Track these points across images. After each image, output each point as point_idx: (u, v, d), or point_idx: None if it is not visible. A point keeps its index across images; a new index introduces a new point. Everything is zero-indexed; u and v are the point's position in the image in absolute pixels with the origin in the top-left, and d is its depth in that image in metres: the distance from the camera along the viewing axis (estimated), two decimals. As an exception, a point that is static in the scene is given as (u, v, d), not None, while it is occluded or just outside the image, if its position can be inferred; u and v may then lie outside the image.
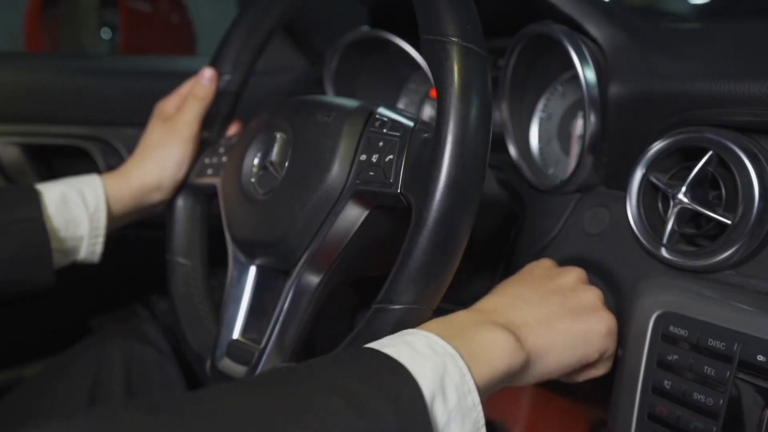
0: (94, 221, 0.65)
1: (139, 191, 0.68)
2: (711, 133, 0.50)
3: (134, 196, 0.68)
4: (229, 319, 0.59)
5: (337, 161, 0.49)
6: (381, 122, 0.49)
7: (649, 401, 0.49)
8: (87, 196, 0.64)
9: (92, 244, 0.66)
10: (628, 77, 0.56)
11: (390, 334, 0.43)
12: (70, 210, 0.63)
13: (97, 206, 0.65)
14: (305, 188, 0.51)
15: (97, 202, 0.65)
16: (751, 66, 0.50)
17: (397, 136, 0.47)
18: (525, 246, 0.65)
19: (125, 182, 0.67)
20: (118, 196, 0.67)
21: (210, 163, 0.66)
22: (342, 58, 0.84)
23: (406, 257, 0.42)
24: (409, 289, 0.42)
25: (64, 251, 0.65)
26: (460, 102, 0.42)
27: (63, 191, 0.64)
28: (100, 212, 0.65)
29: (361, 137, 0.49)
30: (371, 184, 0.48)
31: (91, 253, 0.67)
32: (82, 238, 0.65)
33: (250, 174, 0.56)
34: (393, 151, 0.47)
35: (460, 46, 0.42)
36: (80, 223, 0.64)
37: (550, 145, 0.71)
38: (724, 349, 0.45)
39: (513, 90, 0.68)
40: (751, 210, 0.48)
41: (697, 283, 0.50)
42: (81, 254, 0.66)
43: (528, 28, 0.63)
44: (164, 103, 0.71)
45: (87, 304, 1.06)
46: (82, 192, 0.64)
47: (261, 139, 0.57)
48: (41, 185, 0.64)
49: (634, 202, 0.55)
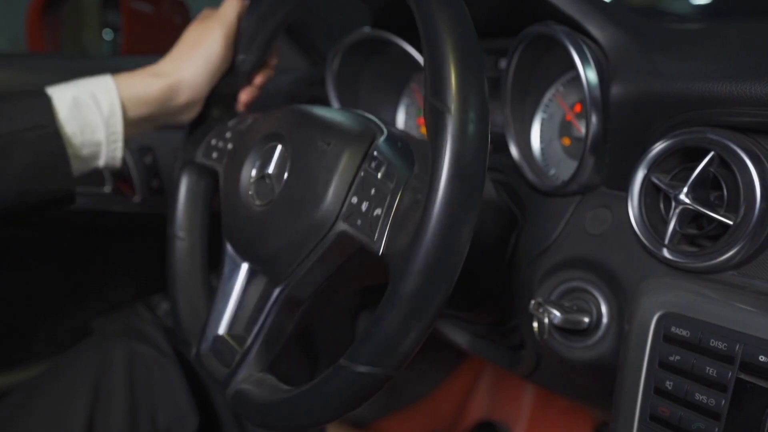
0: (110, 126, 0.62)
1: (169, 89, 0.65)
2: (713, 133, 0.50)
3: (162, 94, 0.65)
4: (218, 314, 0.60)
5: (330, 195, 0.49)
6: (378, 162, 0.48)
7: (651, 402, 0.49)
8: (100, 100, 0.61)
9: (111, 149, 0.63)
10: (630, 78, 0.56)
11: (349, 394, 0.44)
12: (84, 115, 0.60)
13: (112, 110, 0.62)
14: (298, 214, 0.51)
15: (112, 106, 0.62)
16: (753, 66, 0.50)
17: (389, 187, 0.46)
18: (526, 247, 0.65)
19: (154, 81, 0.65)
20: (140, 96, 0.64)
21: (215, 145, 0.66)
22: (344, 59, 0.84)
23: (376, 324, 0.42)
24: (374, 354, 0.42)
25: (83, 158, 0.62)
26: (449, 183, 0.39)
27: (75, 95, 0.60)
28: (116, 116, 0.62)
29: (356, 176, 0.49)
30: (357, 233, 0.47)
31: (112, 159, 0.64)
32: (100, 143, 0.62)
33: (248, 185, 0.56)
34: (382, 205, 0.46)
35: (458, 121, 0.40)
36: (96, 128, 0.61)
37: (552, 146, 0.71)
38: (726, 350, 0.45)
39: (514, 91, 0.68)
40: (753, 211, 0.48)
41: (699, 284, 0.50)
42: (101, 160, 0.64)
43: (529, 29, 0.63)
44: (205, 10, 0.70)
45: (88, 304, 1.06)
46: (95, 95, 0.61)
47: (260, 148, 0.57)
48: (51, 88, 0.60)
49: (636, 202, 0.55)
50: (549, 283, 0.62)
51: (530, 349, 0.67)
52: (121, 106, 0.63)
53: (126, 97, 0.63)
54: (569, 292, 0.60)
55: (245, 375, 0.54)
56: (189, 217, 0.69)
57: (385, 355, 0.42)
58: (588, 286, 0.59)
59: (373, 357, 0.42)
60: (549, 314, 0.57)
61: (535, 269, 0.64)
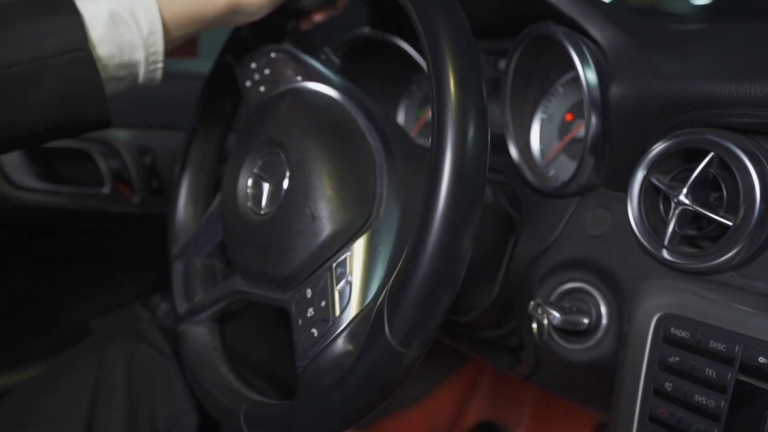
0: (150, 46, 0.56)
1: (224, 11, 0.59)
2: (712, 134, 0.50)
3: (214, 16, 0.59)
4: (199, 242, 0.65)
5: (295, 267, 0.50)
6: (343, 270, 0.47)
7: (650, 403, 0.49)
8: (140, 18, 0.55)
9: (151, 70, 0.58)
10: (629, 78, 0.56)
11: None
12: (122, 33, 0.54)
13: (152, 28, 0.55)
14: (268, 259, 0.52)
15: (152, 23, 0.55)
16: (753, 67, 0.50)
17: (335, 314, 0.46)
18: (526, 248, 0.65)
19: (208, 2, 0.58)
20: (186, 16, 0.58)
21: (252, 72, 0.63)
22: (343, 60, 0.84)
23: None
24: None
25: (120, 78, 0.56)
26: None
27: (111, 9, 0.53)
28: (157, 35, 0.56)
29: (316, 271, 0.49)
30: (294, 328, 0.49)
31: (151, 78, 0.58)
32: (139, 63, 0.56)
33: (245, 196, 0.56)
34: (321, 329, 0.46)
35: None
36: (135, 48, 0.55)
37: (551, 147, 0.71)
38: (726, 351, 0.45)
39: (514, 91, 0.68)
40: (753, 212, 0.48)
41: (699, 285, 0.50)
42: (139, 79, 0.58)
43: (529, 29, 0.63)
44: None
45: (88, 305, 1.06)
46: (134, 11, 0.55)
47: (258, 154, 0.56)
48: (83, 2, 0.53)
49: (636, 203, 0.55)
50: (548, 284, 0.62)
51: (529, 351, 0.67)
52: (162, 25, 0.56)
53: (169, 16, 0.57)
54: (569, 293, 0.60)
55: (198, 319, 0.60)
56: (211, 113, 0.69)
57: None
58: (587, 287, 0.59)
59: None
60: (548, 315, 0.57)
61: (534, 270, 0.64)
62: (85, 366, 0.77)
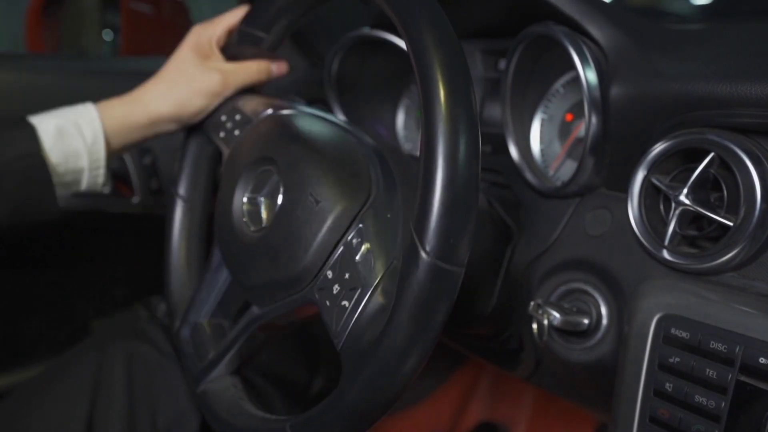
0: (93, 153, 0.64)
1: (155, 120, 0.66)
2: (713, 134, 0.50)
3: (148, 125, 0.66)
4: (201, 301, 0.62)
5: (309, 258, 0.49)
6: (360, 239, 0.47)
7: (650, 404, 0.49)
8: (83, 129, 0.63)
9: (94, 175, 0.65)
10: (630, 78, 0.56)
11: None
12: (68, 143, 0.62)
13: (95, 138, 0.64)
14: (278, 262, 0.51)
15: (95, 135, 0.64)
16: (754, 67, 0.50)
17: (362, 280, 0.46)
18: (526, 249, 0.65)
19: (142, 110, 0.65)
20: (127, 125, 0.65)
21: (225, 124, 0.64)
22: (343, 60, 0.84)
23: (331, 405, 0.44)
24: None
25: (66, 184, 0.64)
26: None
27: (58, 124, 0.62)
28: (99, 144, 0.64)
29: (335, 248, 0.48)
30: (325, 313, 0.47)
31: (94, 183, 0.66)
32: (83, 170, 0.64)
33: (241, 212, 0.56)
34: (350, 298, 0.45)
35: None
36: (79, 156, 0.63)
37: (551, 147, 0.70)
38: (726, 352, 0.45)
39: (514, 91, 0.67)
40: (753, 212, 0.47)
41: (699, 286, 0.50)
42: (83, 185, 0.66)
43: (529, 29, 0.63)
44: (202, 33, 0.67)
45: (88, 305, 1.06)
46: (78, 124, 0.63)
47: (252, 172, 0.56)
48: (35, 118, 0.62)
49: (636, 203, 0.55)
50: (548, 284, 0.62)
51: (529, 351, 0.67)
52: (104, 133, 0.64)
53: (109, 125, 0.65)
54: (569, 294, 0.60)
55: (216, 376, 0.58)
56: (193, 180, 0.69)
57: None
58: (587, 287, 0.59)
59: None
60: (548, 316, 0.57)
61: (534, 271, 0.64)
62: (85, 366, 0.77)
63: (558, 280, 0.61)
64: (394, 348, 0.41)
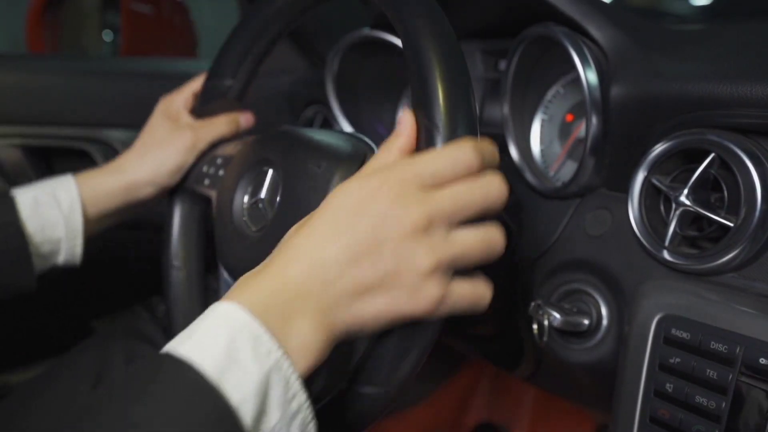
0: (70, 223, 0.64)
1: (133, 185, 0.67)
2: (713, 134, 0.50)
3: (126, 190, 0.67)
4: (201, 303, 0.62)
5: None
6: None
7: (651, 404, 0.49)
8: (60, 198, 0.64)
9: (71, 246, 0.65)
10: (630, 79, 0.56)
11: None
12: (43, 213, 0.63)
13: (72, 207, 0.64)
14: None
15: (71, 204, 0.64)
16: (754, 67, 0.50)
17: None
18: (527, 250, 0.65)
19: (119, 177, 0.67)
20: (104, 193, 0.66)
21: (207, 172, 0.66)
22: (343, 60, 0.84)
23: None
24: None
25: (43, 255, 0.64)
26: None
27: (35, 194, 0.63)
28: (75, 213, 0.64)
29: None
30: None
31: (72, 255, 0.66)
32: (60, 240, 0.64)
33: (241, 211, 0.56)
34: None
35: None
36: (56, 225, 0.63)
37: (552, 147, 0.70)
38: (727, 352, 0.45)
39: (514, 92, 0.67)
40: (754, 212, 0.47)
41: (699, 286, 0.50)
42: (61, 257, 0.65)
43: (529, 30, 0.63)
44: (170, 100, 0.70)
45: (88, 305, 1.06)
46: (55, 194, 0.64)
47: (252, 174, 0.56)
48: (17, 190, 0.63)
49: (636, 204, 0.55)
50: (549, 285, 0.62)
51: (530, 351, 0.67)
52: (80, 202, 0.65)
53: (86, 194, 0.65)
54: (569, 294, 0.60)
55: None
56: (184, 246, 0.69)
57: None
58: (588, 288, 0.59)
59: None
60: (549, 316, 0.57)
61: (534, 271, 0.64)
62: (85, 365, 0.77)
63: (558, 280, 0.61)
64: None
